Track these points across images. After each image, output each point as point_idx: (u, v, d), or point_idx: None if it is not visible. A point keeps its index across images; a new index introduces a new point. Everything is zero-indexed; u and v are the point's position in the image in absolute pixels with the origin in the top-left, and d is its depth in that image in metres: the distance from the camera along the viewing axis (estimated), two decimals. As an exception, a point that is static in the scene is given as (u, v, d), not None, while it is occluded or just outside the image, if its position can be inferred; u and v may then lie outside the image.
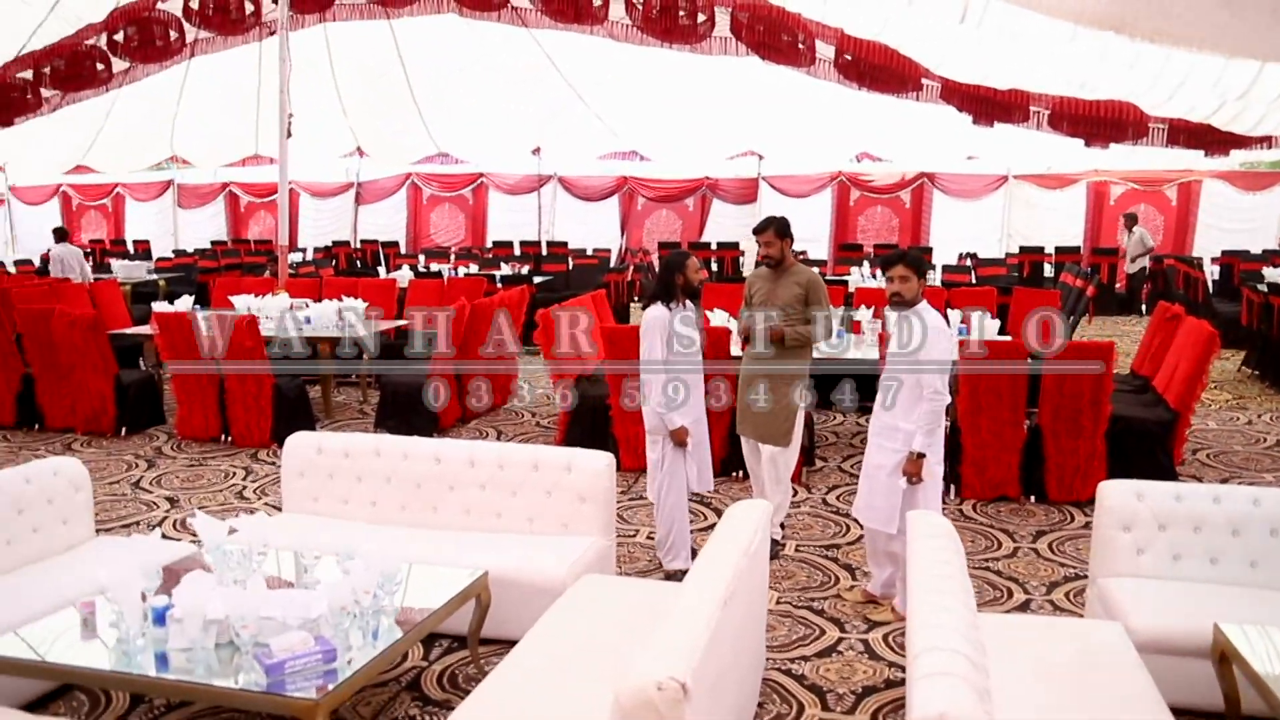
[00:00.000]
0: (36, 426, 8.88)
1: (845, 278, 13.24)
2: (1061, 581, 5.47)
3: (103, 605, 3.70)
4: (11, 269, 16.95)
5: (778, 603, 5.16)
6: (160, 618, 3.55)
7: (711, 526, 6.33)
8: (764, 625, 4.32)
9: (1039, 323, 6.89)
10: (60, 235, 15.14)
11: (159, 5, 13.62)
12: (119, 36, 13.71)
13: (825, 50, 12.50)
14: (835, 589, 5.39)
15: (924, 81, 12.68)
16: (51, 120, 15.69)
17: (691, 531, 5.72)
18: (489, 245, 19.82)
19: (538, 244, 19.14)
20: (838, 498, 6.93)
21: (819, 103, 15.81)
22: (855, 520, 6.09)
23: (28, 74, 14.07)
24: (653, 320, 5.35)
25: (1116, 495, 4.44)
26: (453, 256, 17.63)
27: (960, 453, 6.76)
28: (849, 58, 12.48)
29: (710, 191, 20.64)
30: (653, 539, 6.00)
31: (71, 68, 13.90)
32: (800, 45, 12.48)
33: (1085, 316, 13.00)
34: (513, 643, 4.36)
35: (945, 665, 2.44)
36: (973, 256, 16.69)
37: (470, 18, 14.17)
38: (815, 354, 6.04)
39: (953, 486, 6.81)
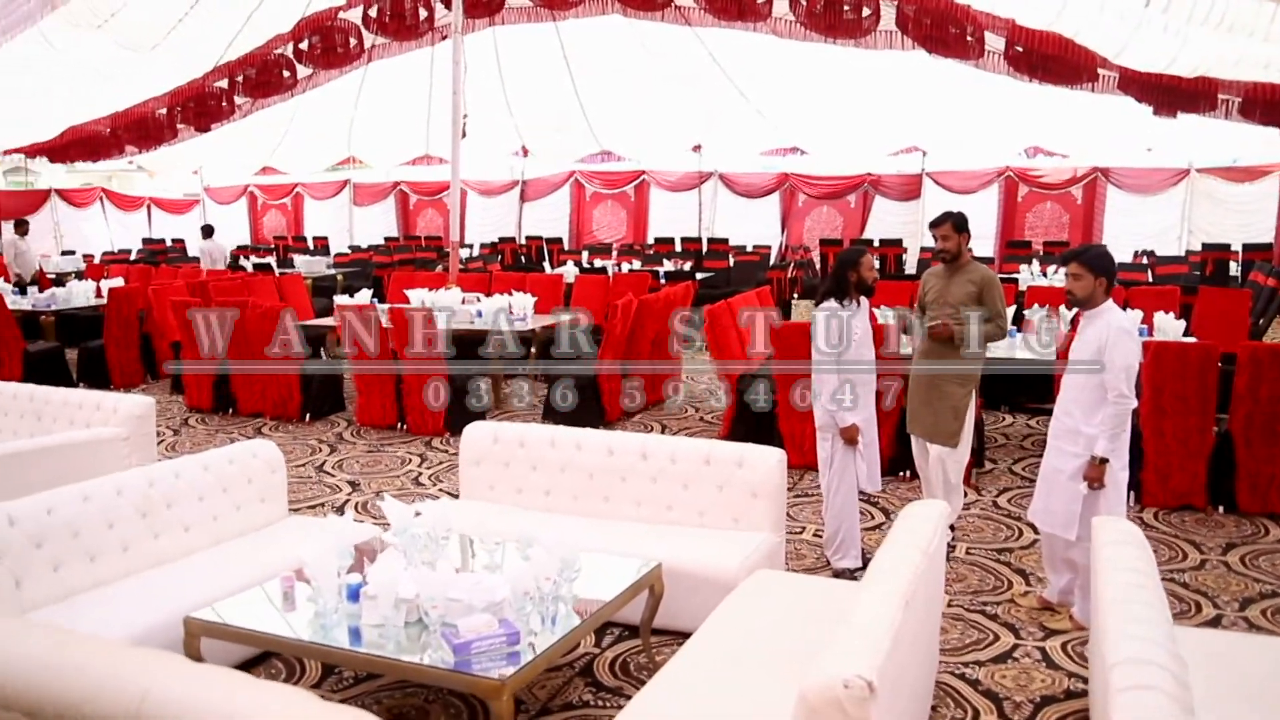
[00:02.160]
0: (230, 411, 9.47)
1: (1015, 275, 12.85)
2: (1257, 598, 5.19)
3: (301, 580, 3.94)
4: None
5: (950, 605, 5.06)
6: (354, 594, 3.74)
7: (879, 526, 6.27)
8: (939, 627, 4.25)
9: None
10: (207, 232, 16.84)
11: (340, 14, 14.31)
12: (304, 45, 14.48)
13: (995, 42, 12.18)
14: (1009, 594, 5.25)
15: (1100, 72, 12.21)
16: (242, 125, 16.70)
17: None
18: (650, 242, 20.03)
19: (698, 240, 19.22)
20: (1009, 500, 6.75)
21: (986, 96, 15.40)
22: (1029, 524, 5.95)
23: (223, 83, 15.01)
24: (825, 317, 5.33)
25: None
26: (615, 253, 17.88)
27: (1142, 458, 6.48)
28: (1020, 49, 12.14)
29: (872, 188, 20.32)
30: (819, 536, 5.98)
31: (261, 75, 14.78)
32: (969, 38, 12.19)
33: (1278, 317, 12.24)
34: (682, 633, 4.45)
35: (1146, 678, 2.37)
36: (1149, 254, 15.93)
37: (634, 17, 14.37)
38: (987, 354, 5.91)
39: (1133, 493, 6.54)
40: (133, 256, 19.99)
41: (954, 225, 5.60)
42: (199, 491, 4.92)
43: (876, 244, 17.99)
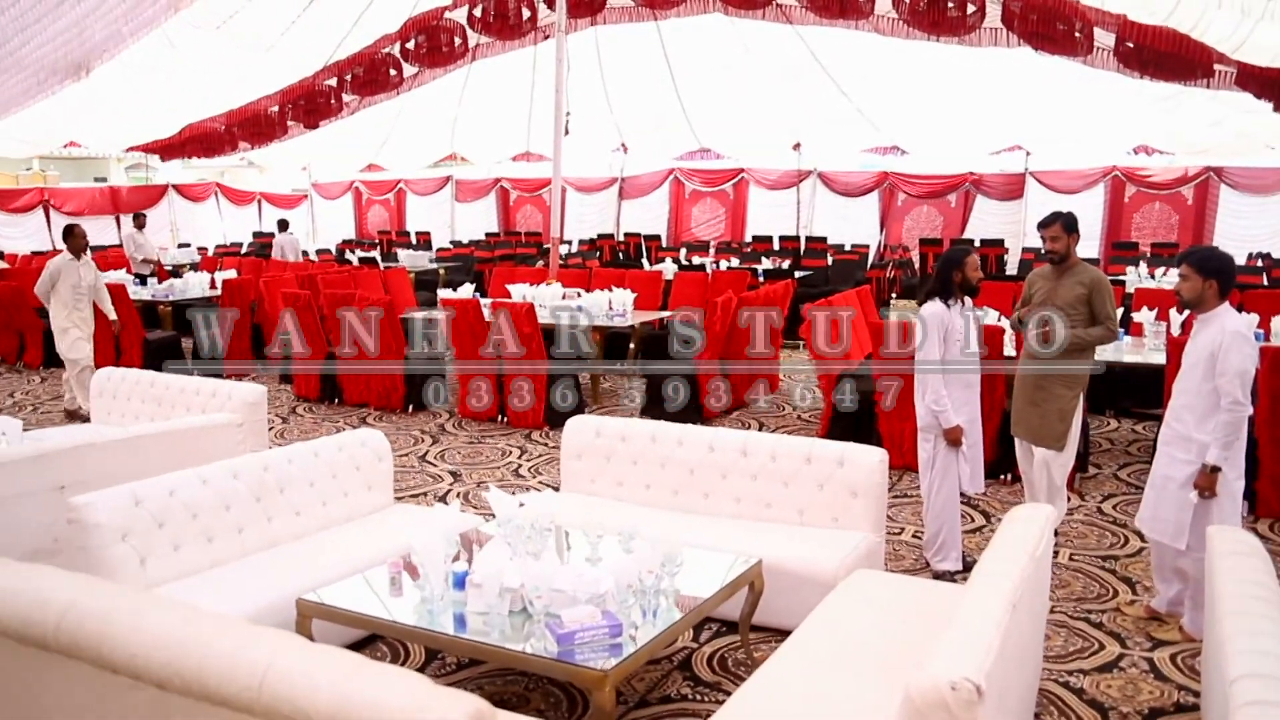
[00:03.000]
0: (336, 401, 9.75)
1: (1121, 277, 12.50)
2: (1380, 614, 4.98)
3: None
4: (314, 258, 18.59)
5: (1052, 611, 4.96)
6: (460, 582, 3.83)
7: (979, 529, 6.18)
8: (1043, 633, 4.18)
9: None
10: (283, 226, 17.66)
11: (446, 14, 14.58)
12: (410, 44, 14.79)
13: (1104, 38, 11.85)
14: (1114, 602, 5.13)
15: (1217, 68, 11.79)
16: (349, 123, 17.13)
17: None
18: (748, 240, 19.96)
19: (796, 239, 19.10)
20: (1114, 507, 6.58)
21: (1092, 93, 15.00)
22: (1135, 531, 5.82)
23: (332, 81, 15.42)
24: (930, 316, 5.28)
25: None
26: (713, 250, 17.86)
27: (1258, 467, 6.26)
28: (1130, 45, 11.79)
29: (973, 187, 19.93)
30: (918, 538, 5.92)
31: (369, 74, 15.15)
32: (1077, 34, 11.90)
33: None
34: (780, 630, 4.46)
35: (1270, 694, 2.30)
36: (1265, 257, 15.32)
37: (735, 16, 14.35)
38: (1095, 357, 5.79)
39: (1246, 503, 6.30)
40: (244, 249, 20.67)
41: (1064, 226, 5.50)
42: (310, 477, 5.08)
43: (978, 244, 17.65)
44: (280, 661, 2.40)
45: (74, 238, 9.16)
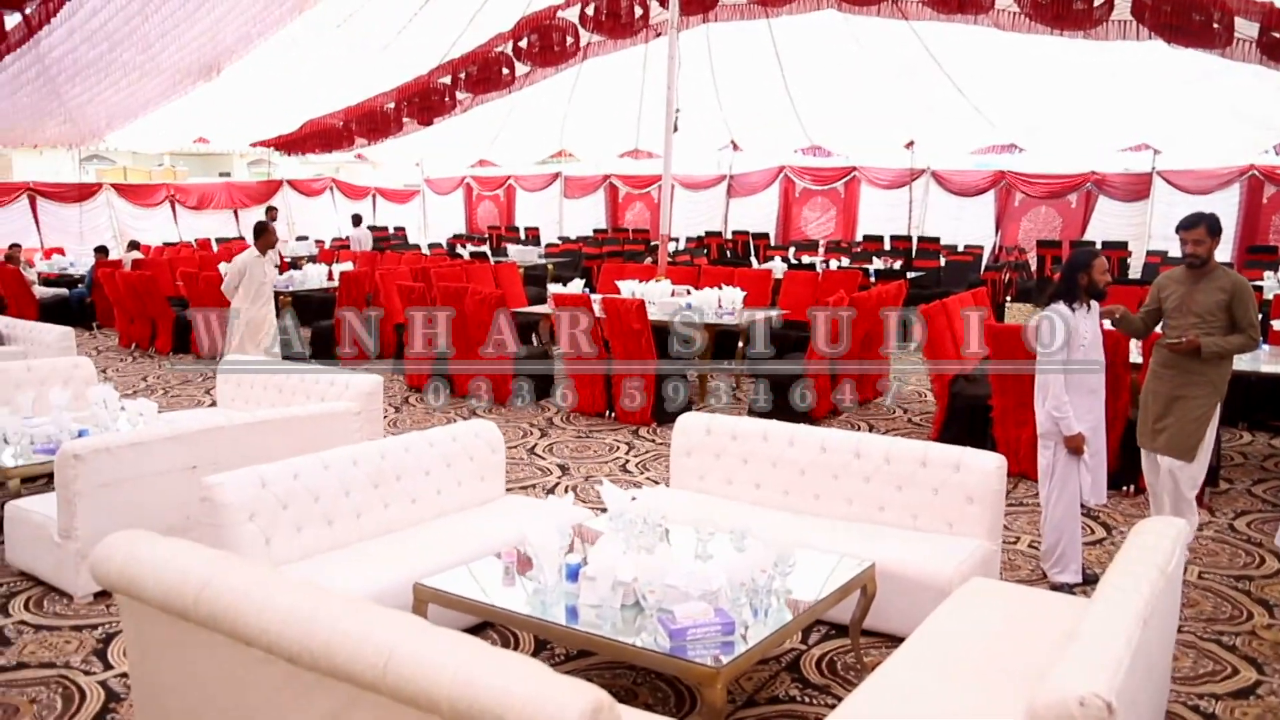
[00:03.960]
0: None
1: (1259, 283, 11.97)
2: None
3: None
4: (426, 251, 18.97)
5: (1180, 631, 4.76)
6: (573, 574, 3.86)
7: (1100, 541, 5.98)
8: (1171, 653, 4.02)
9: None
10: (356, 221, 18.85)
11: (559, 13, 14.74)
12: (523, 43, 15.01)
13: (1246, 29, 11.33)
14: (1249, 625, 4.90)
15: (1378, 57, 11.21)
16: (461, 119, 17.46)
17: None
18: (858, 239, 19.69)
19: (908, 239, 18.77)
20: (1248, 524, 6.29)
21: (1229, 88, 14.36)
22: (1272, 551, 5.58)
23: (446, 79, 15.75)
24: (1054, 319, 5.12)
25: None
26: (822, 249, 17.67)
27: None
28: (1278, 35, 11.24)
29: (1095, 187, 19.29)
30: (1035, 548, 5.76)
31: (482, 72, 15.44)
32: (1215, 25, 11.39)
33: None
34: (890, 635, 4.39)
35: None
36: None
37: (848, 12, 14.16)
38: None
39: (1396, 524, 5.99)
40: (359, 242, 21.25)
41: (1209, 228, 5.24)
42: (425, 466, 5.17)
43: (1099, 246, 17.10)
44: (405, 643, 2.45)
45: (266, 234, 9.32)
